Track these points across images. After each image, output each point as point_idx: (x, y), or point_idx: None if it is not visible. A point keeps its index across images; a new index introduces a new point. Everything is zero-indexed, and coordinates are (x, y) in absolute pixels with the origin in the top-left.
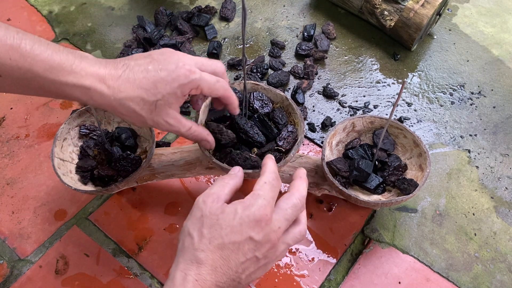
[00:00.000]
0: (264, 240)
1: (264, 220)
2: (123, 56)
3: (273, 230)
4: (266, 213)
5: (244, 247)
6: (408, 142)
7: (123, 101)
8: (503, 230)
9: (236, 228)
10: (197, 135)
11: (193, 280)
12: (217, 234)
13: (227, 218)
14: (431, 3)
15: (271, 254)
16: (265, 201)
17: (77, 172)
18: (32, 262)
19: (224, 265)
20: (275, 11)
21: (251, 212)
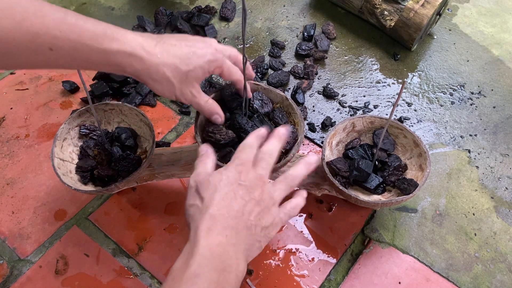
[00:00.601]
0: (252, 184)
1: (245, 170)
2: None
3: (255, 177)
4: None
5: (238, 192)
6: (408, 142)
7: (160, 67)
8: (503, 230)
9: (225, 181)
10: (212, 108)
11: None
12: (213, 191)
13: (216, 177)
14: (431, 3)
15: (265, 196)
16: (242, 160)
17: (77, 172)
18: (32, 262)
19: (230, 211)
20: (275, 11)
21: (232, 167)
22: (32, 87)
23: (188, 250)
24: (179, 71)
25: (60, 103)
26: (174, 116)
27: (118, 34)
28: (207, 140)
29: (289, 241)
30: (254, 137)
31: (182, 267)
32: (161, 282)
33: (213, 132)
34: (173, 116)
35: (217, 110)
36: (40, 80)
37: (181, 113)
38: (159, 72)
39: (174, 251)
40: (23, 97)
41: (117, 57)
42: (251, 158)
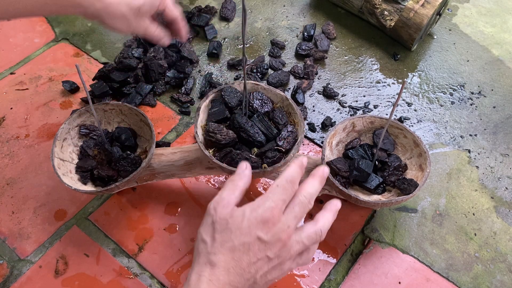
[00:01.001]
0: (274, 240)
1: (272, 221)
2: (123, 56)
3: (282, 229)
4: (274, 214)
5: (254, 247)
6: (408, 142)
7: (116, 5)
8: (503, 230)
9: (244, 230)
10: (160, 35)
11: (207, 280)
12: (227, 237)
13: (236, 221)
14: (431, 3)
15: (284, 253)
16: (273, 203)
17: (77, 172)
18: (32, 262)
19: (237, 266)
20: (275, 11)
21: (258, 214)
22: (32, 87)
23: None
24: (132, 7)
25: (60, 103)
26: (174, 116)
27: None
28: (207, 140)
29: None
30: (298, 168)
31: None
32: (161, 282)
33: (213, 132)
34: (173, 116)
35: (163, 35)
36: (40, 80)
37: (181, 113)
38: (116, 9)
39: (174, 251)
40: (23, 97)
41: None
42: (286, 200)
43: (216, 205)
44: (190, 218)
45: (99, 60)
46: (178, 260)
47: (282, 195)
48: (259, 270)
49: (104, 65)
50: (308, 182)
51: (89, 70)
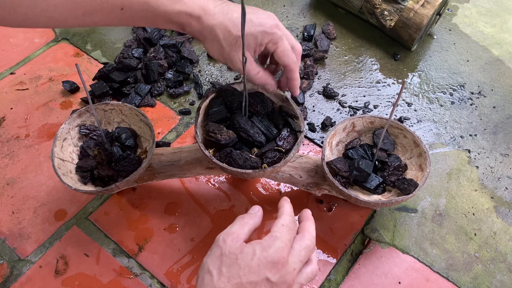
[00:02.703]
0: (280, 281)
1: (281, 262)
2: (123, 56)
3: (288, 271)
4: (283, 255)
5: (260, 287)
6: (408, 142)
7: (213, 28)
8: (503, 230)
9: (254, 269)
10: (263, 81)
11: None
12: (235, 273)
13: (246, 258)
14: (431, 3)
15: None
16: (283, 244)
17: (77, 172)
18: (32, 262)
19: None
20: (275, 11)
21: (269, 254)
22: (32, 87)
23: None
24: (230, 35)
25: (60, 103)
26: (174, 116)
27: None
28: (207, 140)
29: None
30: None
31: None
32: (161, 282)
33: (213, 132)
34: (173, 116)
35: (269, 80)
36: (40, 80)
37: (181, 113)
38: (212, 32)
39: (174, 251)
40: (23, 97)
41: (178, 17)
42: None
43: (225, 237)
44: (190, 218)
45: (99, 60)
46: (178, 260)
47: (289, 235)
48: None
49: (104, 65)
50: (310, 225)
51: (89, 70)
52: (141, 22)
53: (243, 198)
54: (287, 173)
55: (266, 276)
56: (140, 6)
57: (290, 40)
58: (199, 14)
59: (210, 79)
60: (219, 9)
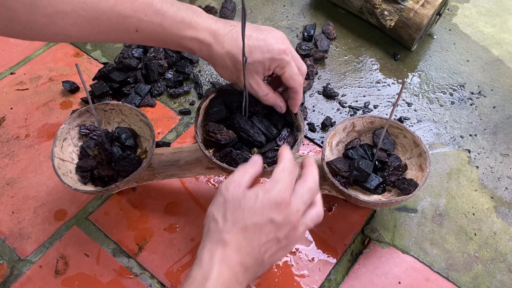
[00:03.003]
0: (285, 222)
1: (284, 203)
2: (123, 56)
3: (292, 212)
4: (285, 196)
5: (265, 228)
6: (408, 142)
7: (223, 56)
8: (503, 230)
9: (257, 211)
10: (272, 102)
11: (219, 259)
12: (240, 217)
13: (249, 202)
14: (431, 3)
15: (291, 235)
16: (284, 185)
17: (77, 172)
18: (32, 262)
19: (248, 246)
20: (275, 11)
21: (271, 196)
22: (32, 87)
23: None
24: (238, 62)
25: (60, 103)
26: (174, 116)
27: (194, 22)
28: (207, 140)
29: None
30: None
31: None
32: (161, 282)
33: (213, 132)
34: (173, 116)
35: (278, 102)
36: (40, 80)
37: (181, 113)
38: (221, 60)
39: (174, 251)
40: (23, 97)
41: (190, 43)
42: (293, 183)
43: (227, 185)
44: (190, 218)
45: (99, 60)
46: (178, 260)
47: (290, 178)
48: (268, 251)
49: (104, 65)
50: (313, 170)
51: (89, 70)
52: (153, 43)
53: None
54: None
55: (270, 217)
56: (155, 29)
57: (297, 62)
58: (209, 42)
59: (210, 79)
60: (229, 36)
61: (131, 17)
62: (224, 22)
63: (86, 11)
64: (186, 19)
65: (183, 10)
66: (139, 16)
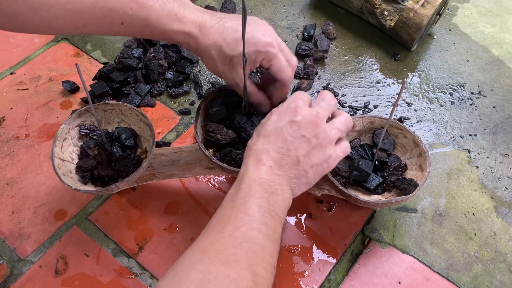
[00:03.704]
0: (305, 120)
1: (299, 108)
2: (123, 56)
3: (311, 113)
4: (299, 105)
5: (287, 128)
6: (408, 142)
7: (209, 47)
8: (503, 230)
9: (275, 120)
10: (256, 100)
11: (253, 161)
12: (263, 130)
13: (270, 120)
14: (431, 3)
15: (321, 134)
16: (301, 101)
17: (77, 172)
18: (32, 262)
19: (275, 145)
20: (275, 11)
21: (286, 105)
22: (32, 87)
23: (239, 179)
24: (224, 54)
25: (60, 103)
26: (174, 116)
27: (181, 15)
28: (207, 140)
29: (289, 241)
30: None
31: (234, 191)
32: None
33: (213, 132)
34: (173, 116)
35: (261, 100)
36: (40, 80)
37: (181, 113)
38: (207, 52)
39: (174, 251)
40: (23, 97)
41: (177, 36)
42: (305, 99)
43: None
44: (190, 218)
45: (99, 60)
46: None
47: (304, 95)
48: (300, 149)
49: (104, 65)
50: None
51: (89, 70)
52: (140, 36)
53: None
54: None
55: (288, 119)
56: (140, 22)
57: (286, 55)
58: (196, 34)
59: (210, 79)
60: (216, 28)
61: (116, 11)
62: (211, 14)
63: (71, 3)
64: (172, 13)
65: (169, 3)
66: (124, 9)
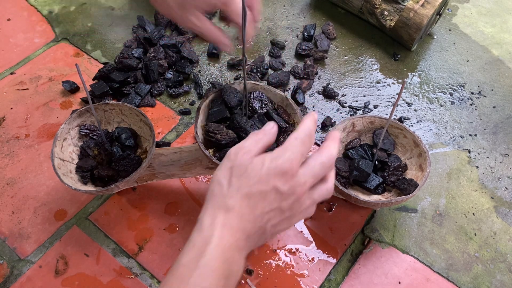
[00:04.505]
0: (289, 192)
1: (290, 173)
2: (123, 56)
3: (298, 183)
4: (293, 166)
5: (269, 196)
6: (408, 142)
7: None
8: (503, 230)
9: (263, 178)
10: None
11: (220, 224)
12: (245, 183)
13: (255, 168)
14: (431, 3)
15: (296, 206)
16: (293, 155)
17: (77, 172)
18: (32, 262)
19: (250, 213)
20: (275, 11)
21: (278, 164)
22: (32, 87)
23: (199, 244)
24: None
25: (60, 103)
26: (174, 116)
27: None
28: (207, 140)
29: (289, 241)
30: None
31: (190, 266)
32: (161, 282)
33: (213, 132)
34: (173, 116)
35: (220, 38)
36: (40, 80)
37: (181, 113)
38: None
39: (174, 251)
40: (23, 97)
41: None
42: (304, 154)
43: (237, 150)
44: (190, 218)
45: (99, 60)
46: None
47: (301, 148)
48: (271, 220)
49: (104, 65)
50: (332, 144)
51: (89, 70)
52: None
53: None
54: None
55: (275, 185)
56: None
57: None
58: None
59: (210, 79)
60: None
61: None
62: None
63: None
64: None
65: None
66: None
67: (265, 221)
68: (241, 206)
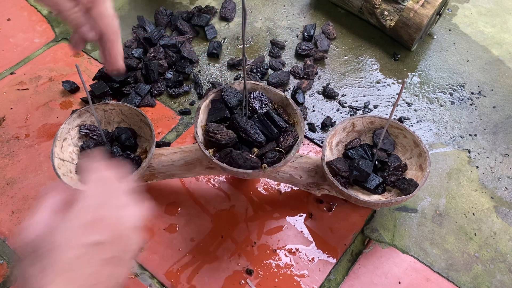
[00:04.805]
0: (113, 239)
1: (106, 218)
2: (125, 52)
3: (118, 228)
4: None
5: (91, 256)
6: (408, 142)
7: None
8: (503, 230)
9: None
10: (75, 22)
11: None
12: (59, 256)
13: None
14: (431, 3)
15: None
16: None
17: (77, 172)
18: None
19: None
20: (275, 11)
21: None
22: (32, 87)
23: None
24: None
25: (60, 103)
26: (174, 116)
27: None
28: (207, 140)
29: (289, 241)
30: None
31: None
32: (161, 282)
33: (213, 132)
34: (173, 116)
35: (81, 21)
36: (40, 80)
37: (181, 113)
38: None
39: (174, 251)
40: (23, 97)
41: None
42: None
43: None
44: (190, 218)
45: (99, 60)
46: (178, 260)
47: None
48: (102, 276)
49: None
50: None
51: (89, 70)
52: None
53: (243, 198)
54: (287, 173)
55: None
56: None
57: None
58: None
59: (210, 79)
60: None
61: None
62: None
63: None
64: None
65: None
66: None
67: (95, 282)
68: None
